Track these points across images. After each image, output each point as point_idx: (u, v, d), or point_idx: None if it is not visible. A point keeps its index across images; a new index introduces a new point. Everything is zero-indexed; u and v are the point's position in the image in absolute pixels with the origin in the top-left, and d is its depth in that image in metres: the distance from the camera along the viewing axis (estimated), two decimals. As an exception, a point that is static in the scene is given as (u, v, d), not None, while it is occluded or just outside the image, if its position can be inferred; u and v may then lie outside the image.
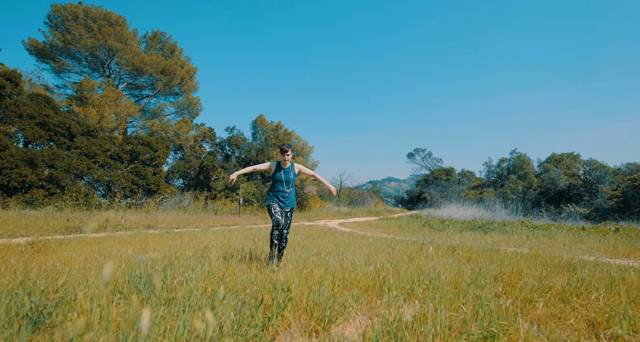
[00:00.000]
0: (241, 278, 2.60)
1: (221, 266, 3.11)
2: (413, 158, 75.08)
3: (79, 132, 16.35)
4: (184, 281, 2.40)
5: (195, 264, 3.07)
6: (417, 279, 2.80)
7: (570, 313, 2.26)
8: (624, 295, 2.67)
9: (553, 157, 44.21)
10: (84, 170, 15.40)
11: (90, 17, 22.44)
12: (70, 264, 3.35)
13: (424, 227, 12.63)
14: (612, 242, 8.47)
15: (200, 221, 13.40)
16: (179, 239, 6.13)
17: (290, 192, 4.21)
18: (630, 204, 26.92)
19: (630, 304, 2.44)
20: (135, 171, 17.30)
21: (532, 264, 4.10)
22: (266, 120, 33.94)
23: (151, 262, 3.29)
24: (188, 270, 2.73)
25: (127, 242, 5.38)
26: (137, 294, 2.11)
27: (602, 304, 2.41)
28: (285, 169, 4.21)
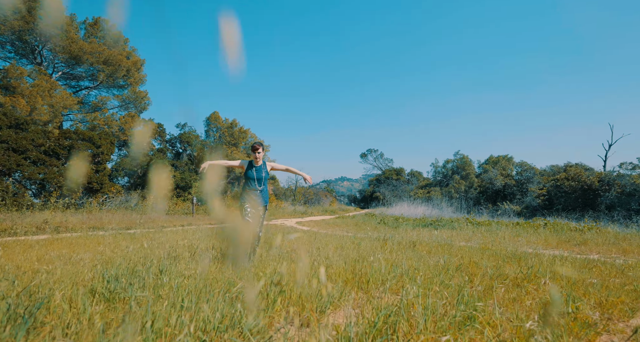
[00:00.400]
0: (223, 275, 2.56)
1: (195, 266, 3.03)
2: (366, 158, 77.40)
3: (6, 124, 14.59)
4: (170, 279, 2.32)
5: (171, 264, 2.95)
6: (390, 271, 2.97)
7: (525, 296, 2.56)
8: (565, 279, 3.07)
9: (491, 159, 48.21)
10: (12, 166, 13.78)
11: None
12: (22, 267, 3.03)
13: (380, 225, 13.14)
14: (543, 236, 9.51)
15: (152, 222, 12.66)
16: (132, 241, 5.77)
17: (262, 190, 4.19)
18: (554, 202, 30.33)
19: (572, 287, 2.81)
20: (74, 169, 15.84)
21: (484, 256, 4.50)
22: (220, 118, 32.90)
23: (126, 262, 3.10)
24: (170, 269, 2.63)
25: (77, 244, 4.95)
26: (123, 294, 2.01)
27: (550, 287, 2.75)
28: (257, 167, 4.18)
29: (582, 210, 27.43)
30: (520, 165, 42.40)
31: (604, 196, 27.39)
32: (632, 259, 5.58)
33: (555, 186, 31.14)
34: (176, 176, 24.97)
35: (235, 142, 32.38)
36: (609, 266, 4.03)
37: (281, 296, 2.01)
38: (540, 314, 2.14)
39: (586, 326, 1.91)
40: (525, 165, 40.96)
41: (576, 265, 3.89)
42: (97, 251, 4.36)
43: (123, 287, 2.11)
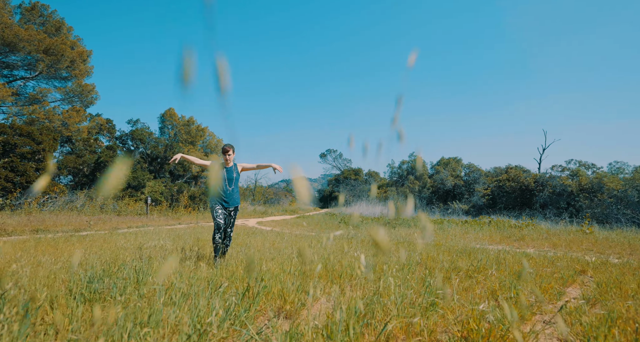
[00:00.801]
0: (206, 274, 2.64)
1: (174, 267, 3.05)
2: (325, 158, 78.34)
3: None
4: (152, 280, 2.35)
5: (145, 265, 2.95)
6: (357, 266, 3.21)
7: (476, 286, 2.93)
8: (508, 269, 3.52)
9: (442, 161, 51.15)
10: None
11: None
12: None
13: (341, 224, 13.53)
14: (488, 232, 10.43)
15: (103, 223, 11.92)
16: (90, 243, 5.51)
17: (232, 191, 4.25)
18: (497, 201, 33.02)
19: (514, 276, 3.25)
20: (10, 166, 14.43)
21: (440, 252, 4.94)
22: (176, 115, 31.55)
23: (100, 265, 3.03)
24: (150, 269, 2.65)
25: (29, 247, 4.64)
26: (106, 294, 2.03)
27: (496, 278, 3.17)
28: (227, 168, 4.24)
29: (520, 208, 30.17)
30: (468, 166, 45.52)
31: (539, 195, 30.33)
32: (560, 252, 6.39)
33: (498, 186, 33.87)
34: (128, 174, 23.58)
35: (193, 140, 31.27)
36: (542, 258, 4.64)
37: (265, 291, 2.16)
38: (489, 298, 2.50)
39: (524, 307, 2.28)
40: (472, 167, 44.05)
41: (516, 258, 4.43)
42: (54, 254, 4.15)
43: (106, 288, 2.13)
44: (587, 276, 3.64)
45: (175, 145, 28.93)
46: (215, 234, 3.95)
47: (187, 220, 17.52)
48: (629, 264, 4.28)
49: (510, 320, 1.21)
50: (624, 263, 4.41)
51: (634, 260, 5.21)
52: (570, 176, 30.97)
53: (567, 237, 8.81)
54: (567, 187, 29.03)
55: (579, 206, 27.54)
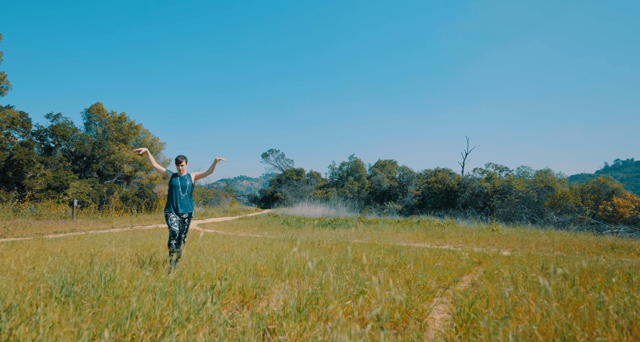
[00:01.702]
0: (172, 277, 2.98)
1: (135, 272, 3.31)
2: (267, 158, 77.81)
3: None
4: (124, 283, 2.64)
5: (107, 270, 3.16)
6: (302, 265, 3.78)
7: (396, 277, 3.67)
8: (423, 264, 4.36)
9: (379, 163, 54.25)
10: None
11: None
12: None
13: (284, 225, 14.01)
14: (416, 231, 11.73)
15: (23, 229, 10.90)
16: (24, 251, 5.28)
17: (185, 198, 4.51)
18: (427, 201, 36.21)
19: (426, 269, 4.07)
20: None
21: (372, 251, 5.72)
22: (105, 110, 29.19)
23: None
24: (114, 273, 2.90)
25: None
26: (79, 296, 2.30)
27: (412, 270, 3.95)
28: (181, 177, 4.50)
29: (446, 208, 33.48)
30: (402, 169, 48.98)
31: (461, 196, 33.94)
32: (470, 247, 7.65)
33: (427, 187, 37.09)
34: (47, 174, 21.34)
35: (125, 138, 29.20)
36: (451, 253, 5.66)
37: (228, 288, 2.61)
38: (404, 286, 3.23)
39: (428, 291, 3.03)
40: (406, 169, 47.50)
41: (432, 253, 5.37)
42: None
43: (80, 291, 2.40)
44: (481, 267, 4.64)
45: (105, 143, 26.75)
46: (170, 240, 4.21)
47: (120, 223, 16.57)
48: (512, 256, 5.46)
49: (412, 300, 1.83)
50: (510, 255, 5.59)
51: (520, 252, 6.54)
52: (487, 179, 35.13)
53: (478, 235, 10.37)
54: (484, 188, 32.94)
55: (493, 206, 31.43)
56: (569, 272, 3.19)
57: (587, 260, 4.92)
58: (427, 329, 2.24)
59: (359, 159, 55.17)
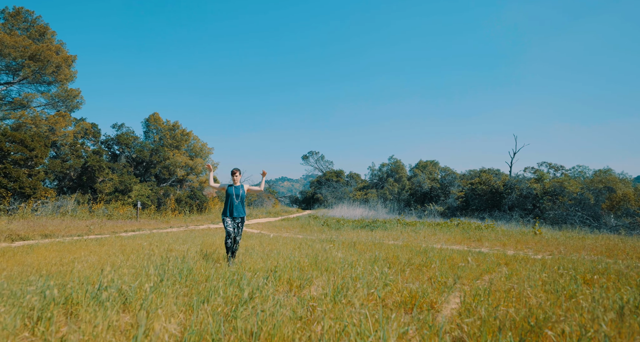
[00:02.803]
0: (234, 269, 3.75)
1: (204, 264, 4.14)
2: (307, 160, 79.40)
3: None
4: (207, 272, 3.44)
5: (182, 264, 4.02)
6: (340, 264, 4.40)
7: (422, 275, 4.16)
8: (448, 264, 4.79)
9: (420, 164, 53.30)
10: None
11: None
12: (44, 268, 3.83)
13: (324, 227, 14.69)
14: (453, 234, 11.85)
15: (101, 228, 12.63)
16: (110, 246, 6.44)
17: (238, 204, 5.32)
18: (470, 203, 35.12)
19: (451, 268, 4.51)
20: (4, 173, 14.85)
21: (404, 252, 6.19)
22: (161, 119, 31.94)
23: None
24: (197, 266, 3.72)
25: (66, 250, 5.56)
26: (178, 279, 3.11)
27: (437, 269, 4.41)
28: (235, 187, 5.33)
29: (490, 210, 32.29)
30: (444, 170, 47.75)
31: (507, 198, 32.53)
32: (507, 250, 7.79)
33: (471, 189, 35.95)
34: (114, 179, 23.97)
35: (178, 144, 31.74)
36: (481, 255, 5.97)
37: (279, 278, 3.30)
38: (426, 282, 3.73)
39: (446, 287, 3.51)
40: (448, 170, 46.28)
41: (461, 255, 5.73)
42: (96, 254, 5.11)
43: (171, 277, 3.22)
44: (506, 268, 4.96)
45: (161, 149, 29.34)
46: (227, 239, 5.05)
47: (177, 223, 18.26)
48: (543, 259, 5.65)
49: (429, 292, 2.38)
50: (540, 258, 5.79)
51: (557, 256, 6.63)
52: (536, 179, 33.34)
53: (517, 238, 10.31)
54: (533, 190, 31.33)
55: (543, 208, 29.80)
56: (574, 273, 3.50)
57: (625, 264, 5.02)
58: (437, 314, 2.76)
59: (398, 160, 54.62)
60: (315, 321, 2.19)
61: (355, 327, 1.91)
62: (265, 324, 2.00)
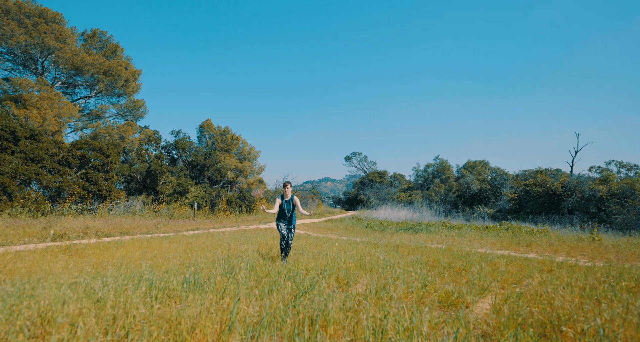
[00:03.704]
0: (289, 266, 4.34)
1: (263, 263, 4.78)
2: (350, 161, 79.64)
3: (24, 135, 15.73)
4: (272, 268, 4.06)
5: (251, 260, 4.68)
6: (383, 265, 4.81)
7: (460, 278, 4.44)
8: (487, 268, 4.99)
9: (469, 164, 51.22)
10: (31, 175, 14.96)
11: (23, 12, 20.97)
12: (161, 259, 4.68)
13: (367, 229, 15.01)
14: (501, 238, 11.59)
15: (165, 226, 14.11)
16: (179, 243, 7.39)
17: (291, 215, 5.93)
18: (523, 205, 33.17)
19: (491, 272, 4.72)
20: (86, 177, 17.06)
21: (446, 255, 6.41)
22: (213, 125, 34.20)
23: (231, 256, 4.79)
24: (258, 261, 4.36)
25: (146, 247, 6.57)
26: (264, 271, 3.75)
27: (476, 273, 4.65)
28: (287, 200, 5.95)
29: (547, 213, 30.27)
30: (495, 170, 45.46)
31: (567, 200, 30.28)
32: (558, 256, 7.63)
33: (524, 190, 33.95)
34: (173, 181, 26.21)
35: (228, 148, 33.77)
36: (526, 261, 6.01)
37: (329, 276, 3.81)
38: (464, 285, 4.03)
39: (483, 289, 3.79)
40: (499, 171, 44.00)
41: (503, 260, 5.85)
42: (172, 251, 6.01)
43: (235, 272, 3.86)
44: (550, 274, 5.04)
45: (213, 153, 31.46)
46: (281, 241, 5.69)
47: (229, 223, 19.59)
48: (593, 266, 5.59)
49: (463, 293, 2.75)
50: (590, 266, 5.72)
51: (613, 264, 6.44)
52: (601, 180, 30.66)
53: (571, 244, 9.89)
54: (597, 192, 28.87)
55: (609, 211, 27.37)
56: (616, 281, 3.58)
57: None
58: (470, 312, 3.09)
59: (445, 161, 52.92)
60: (360, 310, 2.65)
61: (393, 316, 2.34)
62: (320, 312, 2.50)
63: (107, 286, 2.89)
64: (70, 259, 5.02)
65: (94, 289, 2.73)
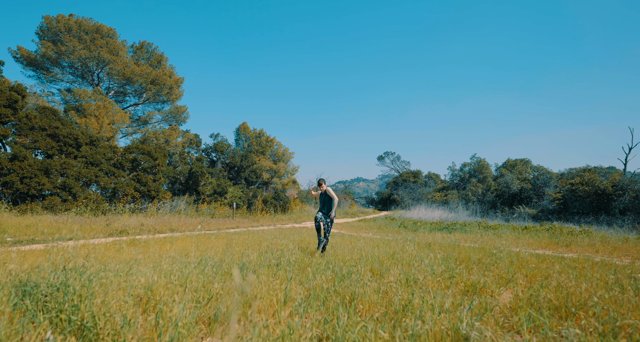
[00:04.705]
0: (327, 259, 4.82)
1: (303, 256, 5.31)
2: (383, 161, 79.03)
3: (85, 142, 17.49)
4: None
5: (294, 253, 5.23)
6: (414, 259, 5.15)
7: (488, 272, 4.70)
8: (516, 264, 5.19)
9: (508, 163, 49.17)
10: (92, 178, 16.62)
11: (82, 29, 23.19)
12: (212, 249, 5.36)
13: (401, 228, 15.19)
14: (540, 238, 11.38)
15: (208, 225, 15.17)
16: (224, 239, 8.12)
17: (326, 207, 6.48)
18: (569, 206, 31.43)
19: (520, 268, 4.93)
20: (137, 178, 18.62)
21: (477, 252, 6.61)
22: (249, 128, 35.58)
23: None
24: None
25: (197, 242, 7.34)
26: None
27: (505, 268, 4.88)
28: (322, 193, 6.51)
29: (595, 214, 28.51)
30: (537, 169, 43.30)
31: (618, 200, 28.36)
32: (598, 257, 7.53)
33: (570, 190, 32.17)
34: (213, 182, 27.70)
35: (263, 150, 35.00)
36: (561, 259, 6.07)
37: (363, 266, 4.25)
38: (490, 277, 4.30)
39: (508, 280, 4.06)
40: (542, 170, 41.88)
41: (535, 258, 5.96)
42: (219, 245, 6.71)
43: (280, 264, 4.39)
44: (578, 270, 5.14)
45: (249, 155, 32.80)
46: (319, 235, 6.23)
47: (266, 222, 20.49)
48: (629, 265, 5.58)
49: (488, 284, 3.10)
50: (626, 264, 5.70)
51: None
52: (658, 178, 28.40)
53: (615, 245, 9.57)
54: (653, 191, 26.80)
55: (668, 212, 25.34)
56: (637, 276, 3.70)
57: None
58: (493, 299, 3.39)
59: (482, 159, 51.24)
60: (392, 293, 3.07)
61: (420, 296, 2.74)
62: (358, 293, 2.95)
63: (187, 266, 3.53)
64: (138, 249, 5.82)
65: (172, 271, 3.35)
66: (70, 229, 10.60)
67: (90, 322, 1.95)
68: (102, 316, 2.04)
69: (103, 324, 1.96)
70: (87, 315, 2.00)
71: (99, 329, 1.93)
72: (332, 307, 2.60)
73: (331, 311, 2.56)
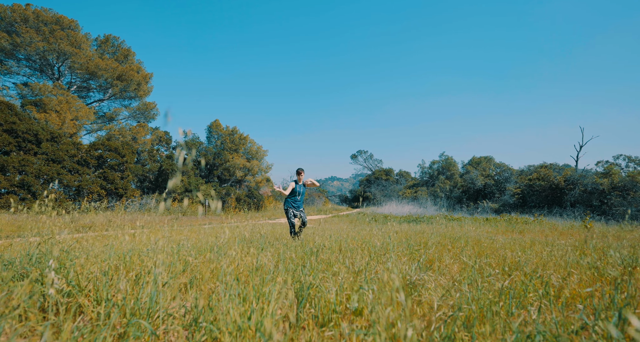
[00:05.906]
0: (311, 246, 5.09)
1: (278, 242, 5.54)
2: (356, 159, 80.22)
3: (45, 138, 16.71)
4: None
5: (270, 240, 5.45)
6: (379, 240, 5.53)
7: (446, 252, 5.15)
8: (470, 244, 5.70)
9: (474, 160, 51.46)
10: (53, 175, 15.93)
11: (41, 20, 22.02)
12: None
13: (371, 222, 15.72)
14: (498, 227, 12.23)
15: (179, 222, 14.98)
16: (205, 234, 8.20)
17: (301, 199, 6.68)
18: (527, 200, 33.55)
19: (472, 247, 5.43)
20: (103, 176, 18.02)
21: (436, 237, 7.12)
22: (221, 125, 35.12)
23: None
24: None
25: (171, 234, 7.38)
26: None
27: (459, 248, 5.35)
28: (299, 185, 6.69)
29: (550, 206, 30.64)
30: (500, 166, 45.73)
31: (569, 194, 30.63)
32: (543, 239, 8.28)
33: (528, 185, 34.32)
34: (184, 180, 27.18)
35: (236, 148, 34.67)
36: (513, 240, 6.69)
37: (333, 246, 4.56)
38: (445, 253, 4.74)
39: (459, 254, 4.50)
40: (503, 166, 44.29)
41: (489, 241, 6.53)
42: (194, 236, 6.80)
43: (257, 244, 4.62)
44: (526, 249, 5.72)
45: (222, 152, 32.41)
46: (291, 230, 6.43)
47: (239, 220, 20.40)
48: (564, 243, 6.26)
49: (443, 258, 3.47)
50: (563, 243, 6.39)
51: (594, 244, 7.07)
52: (604, 174, 30.92)
53: (562, 230, 10.52)
54: (599, 185, 29.17)
55: (611, 204, 27.70)
56: (571, 249, 4.26)
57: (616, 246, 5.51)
58: (443, 268, 3.81)
59: (450, 157, 53.31)
60: (354, 261, 3.40)
61: (377, 262, 3.08)
62: (325, 262, 3.25)
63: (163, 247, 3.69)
64: (109, 241, 5.82)
65: (153, 250, 3.50)
66: (32, 228, 10.20)
67: (75, 282, 2.11)
68: (84, 277, 2.20)
69: (86, 284, 2.12)
70: (72, 276, 2.15)
71: (82, 287, 2.09)
72: (298, 270, 2.89)
73: (299, 269, 2.84)
